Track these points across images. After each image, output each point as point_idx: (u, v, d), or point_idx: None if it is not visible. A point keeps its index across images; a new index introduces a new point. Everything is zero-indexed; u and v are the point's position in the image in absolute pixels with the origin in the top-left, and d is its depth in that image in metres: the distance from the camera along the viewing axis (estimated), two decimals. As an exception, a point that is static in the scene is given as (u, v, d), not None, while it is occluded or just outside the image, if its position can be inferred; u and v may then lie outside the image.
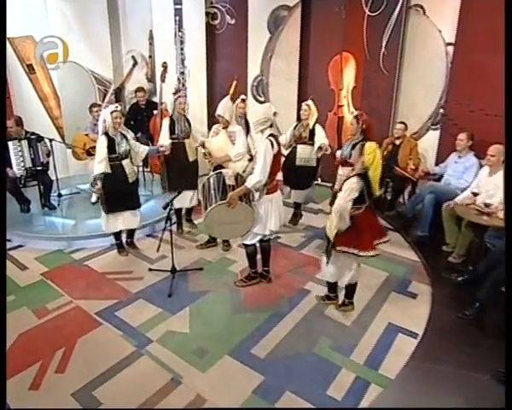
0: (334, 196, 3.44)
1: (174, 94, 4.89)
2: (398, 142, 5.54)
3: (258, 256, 4.02)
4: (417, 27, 5.54)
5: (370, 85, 5.98)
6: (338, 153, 4.57)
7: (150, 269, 4.30)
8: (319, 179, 5.60)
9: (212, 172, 3.99)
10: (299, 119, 5.16)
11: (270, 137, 3.48)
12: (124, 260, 4.59)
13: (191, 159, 4.81)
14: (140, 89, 6.28)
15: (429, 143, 5.68)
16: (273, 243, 4.20)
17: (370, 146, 3.05)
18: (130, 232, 4.79)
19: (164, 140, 4.63)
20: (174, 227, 4.83)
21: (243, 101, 4.72)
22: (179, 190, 4.08)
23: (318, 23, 6.33)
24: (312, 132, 4.87)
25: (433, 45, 5.46)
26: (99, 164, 4.13)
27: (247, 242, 3.86)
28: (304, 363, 3.04)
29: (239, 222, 3.62)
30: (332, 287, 3.66)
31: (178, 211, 5.08)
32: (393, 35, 5.63)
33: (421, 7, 5.48)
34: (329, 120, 6.56)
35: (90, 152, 5.67)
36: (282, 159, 4.31)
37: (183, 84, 7.02)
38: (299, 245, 4.92)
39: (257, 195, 3.65)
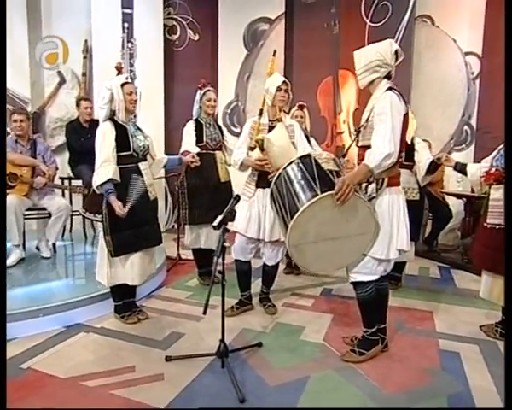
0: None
1: (200, 88, 3.32)
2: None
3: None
4: (426, 40, 4.98)
5: (378, 105, 5.08)
6: (482, 163, 2.69)
7: (169, 358, 2.32)
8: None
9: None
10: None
11: (394, 91, 2.12)
12: (107, 350, 2.46)
13: (223, 179, 3.30)
14: (85, 98, 4.29)
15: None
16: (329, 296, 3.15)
17: None
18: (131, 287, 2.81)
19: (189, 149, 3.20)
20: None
21: (301, 108, 3.54)
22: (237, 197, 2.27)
23: (305, 40, 5.39)
24: (411, 149, 3.21)
25: (449, 57, 4.93)
26: (105, 165, 2.49)
27: (364, 278, 2.21)
28: None
29: (353, 236, 2.04)
30: None
31: (197, 252, 3.52)
32: (402, 47, 4.94)
33: (430, 17, 4.98)
34: (323, 153, 5.43)
35: (10, 180, 3.48)
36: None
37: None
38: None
39: (371, 188, 2.12)
